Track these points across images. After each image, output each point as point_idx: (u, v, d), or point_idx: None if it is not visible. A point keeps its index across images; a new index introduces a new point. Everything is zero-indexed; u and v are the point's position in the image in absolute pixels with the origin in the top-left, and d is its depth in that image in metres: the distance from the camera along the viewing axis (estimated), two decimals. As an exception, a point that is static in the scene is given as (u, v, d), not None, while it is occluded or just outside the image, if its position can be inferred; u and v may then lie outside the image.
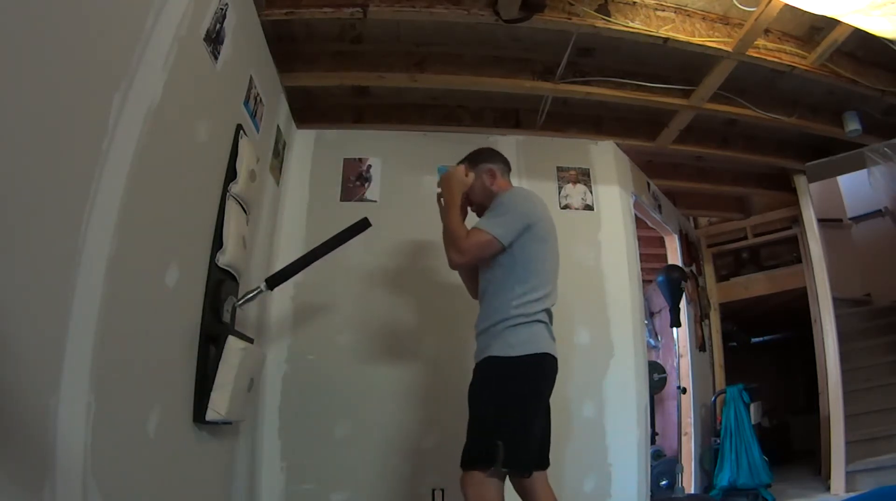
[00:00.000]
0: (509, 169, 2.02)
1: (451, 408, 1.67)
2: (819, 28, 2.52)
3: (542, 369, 1.69)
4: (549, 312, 1.77)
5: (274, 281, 1.98)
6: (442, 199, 1.92)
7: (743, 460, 3.42)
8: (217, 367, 1.67)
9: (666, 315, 4.14)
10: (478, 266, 1.86)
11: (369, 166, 2.88)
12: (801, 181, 3.69)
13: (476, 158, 1.98)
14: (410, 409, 2.52)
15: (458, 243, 1.76)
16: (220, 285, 1.79)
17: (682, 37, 2.40)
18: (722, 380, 4.29)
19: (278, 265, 2.26)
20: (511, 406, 1.61)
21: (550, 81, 2.68)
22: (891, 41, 2.35)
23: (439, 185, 1.94)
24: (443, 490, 2.30)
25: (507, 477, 1.67)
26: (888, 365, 3.73)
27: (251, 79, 2.09)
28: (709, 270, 4.56)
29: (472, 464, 1.57)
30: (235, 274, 1.89)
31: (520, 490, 1.72)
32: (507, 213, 1.76)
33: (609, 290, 2.83)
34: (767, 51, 2.54)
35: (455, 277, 2.05)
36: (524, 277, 1.72)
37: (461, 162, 1.99)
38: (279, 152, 2.57)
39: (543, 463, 1.75)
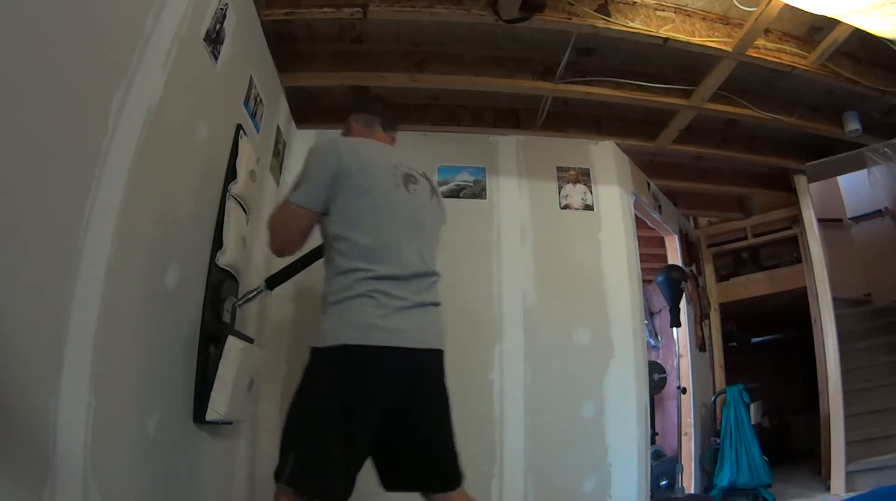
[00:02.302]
0: (383, 121, 1.68)
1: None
2: (819, 28, 2.52)
3: (357, 365, 1.29)
4: (397, 284, 1.36)
5: (274, 281, 1.98)
6: None
7: (743, 460, 3.42)
8: (217, 367, 1.67)
9: (666, 315, 4.13)
10: None
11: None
12: (801, 181, 3.69)
13: (350, 108, 1.72)
14: (410, 409, 2.52)
15: (270, 227, 1.47)
16: (220, 285, 1.79)
17: (682, 37, 2.40)
18: (722, 380, 4.28)
19: (278, 265, 2.26)
20: (309, 412, 1.30)
21: (550, 81, 2.68)
22: (891, 41, 2.34)
23: None
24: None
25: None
26: (888, 365, 3.73)
27: (251, 79, 2.09)
28: (709, 270, 4.56)
29: (275, 478, 1.28)
30: (235, 274, 1.89)
31: None
32: (307, 171, 1.43)
33: (609, 290, 2.83)
34: (767, 51, 2.54)
35: (456, 276, 2.04)
36: (341, 241, 1.39)
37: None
38: (279, 152, 2.57)
39: (452, 482, 1.39)
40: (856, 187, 4.47)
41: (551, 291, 2.77)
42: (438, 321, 1.48)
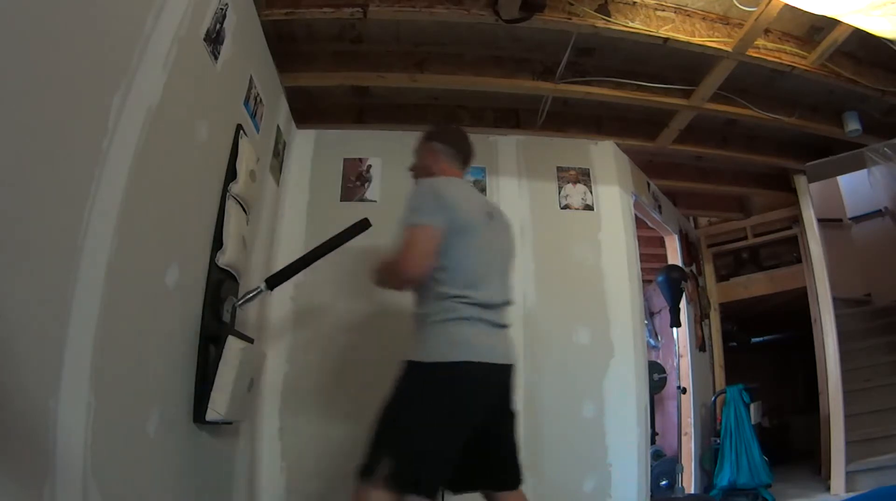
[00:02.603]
0: (464, 157, 1.84)
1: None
2: (819, 28, 2.52)
3: (465, 379, 1.45)
4: (487, 309, 1.54)
5: (274, 281, 1.98)
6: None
7: (743, 460, 3.42)
8: (217, 367, 1.67)
9: (666, 315, 4.13)
10: None
11: (369, 166, 2.88)
12: (801, 181, 3.69)
13: (432, 134, 1.86)
14: (410, 409, 2.52)
15: (398, 261, 1.51)
16: (220, 285, 1.79)
17: (682, 37, 2.40)
18: (722, 380, 4.28)
19: (278, 265, 2.26)
20: (414, 419, 1.42)
21: (550, 81, 2.68)
22: (891, 41, 2.34)
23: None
24: (442, 494, 2.29)
25: (483, 497, 1.56)
26: (888, 365, 3.73)
27: (251, 79, 2.09)
28: (709, 270, 4.56)
29: (363, 478, 1.39)
30: (235, 274, 1.89)
31: None
32: (422, 200, 1.56)
33: (609, 290, 2.83)
34: (767, 51, 2.54)
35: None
36: (441, 269, 1.52)
37: (423, 133, 1.90)
38: (279, 152, 2.57)
39: (511, 482, 1.56)
40: (856, 187, 4.47)
41: (551, 291, 2.77)
42: (511, 341, 1.67)
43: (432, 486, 1.40)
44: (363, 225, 2.06)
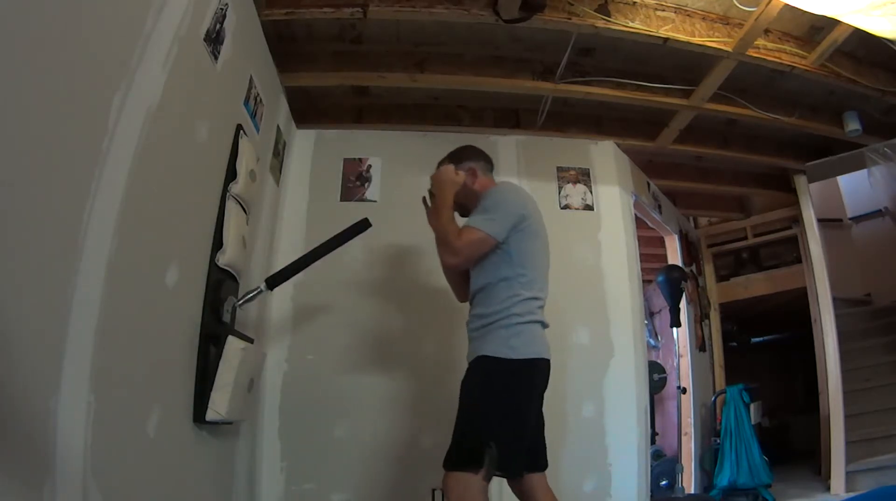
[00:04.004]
0: (491, 166, 1.98)
1: (451, 408, 1.66)
2: (819, 28, 2.53)
3: (535, 373, 1.65)
4: (542, 310, 1.74)
5: (274, 281, 1.98)
6: (430, 200, 1.87)
7: (743, 460, 3.42)
8: (217, 367, 1.67)
9: (666, 315, 4.13)
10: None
11: (369, 166, 2.88)
12: (801, 181, 3.69)
13: (459, 156, 1.93)
14: (410, 409, 2.52)
15: (452, 243, 1.69)
16: (220, 285, 1.79)
17: (682, 37, 2.40)
18: (722, 380, 4.28)
19: (278, 265, 2.26)
20: (504, 409, 1.57)
21: (550, 81, 2.68)
22: (891, 41, 2.35)
23: (431, 188, 1.89)
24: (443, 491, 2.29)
25: (506, 481, 1.66)
26: (888, 365, 3.73)
27: (251, 79, 2.09)
28: (709, 270, 4.56)
29: (459, 465, 1.52)
30: (235, 274, 1.89)
31: (519, 493, 1.69)
32: (498, 208, 1.70)
33: (609, 290, 2.83)
34: (767, 51, 2.54)
35: (456, 277, 2.05)
36: (519, 273, 1.68)
37: (443, 161, 1.95)
38: (279, 152, 2.57)
39: (541, 465, 1.72)
40: (856, 187, 4.47)
41: (551, 291, 2.75)
42: None
43: (521, 466, 1.61)
44: (363, 225, 2.06)
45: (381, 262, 2.70)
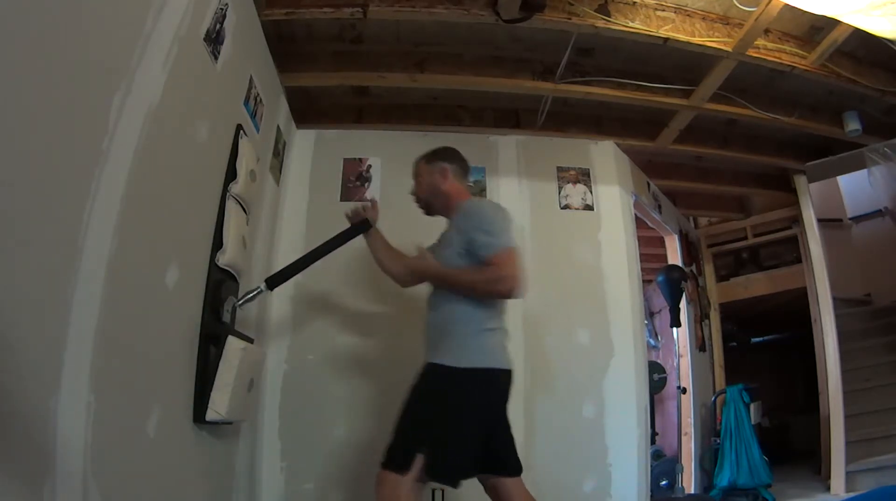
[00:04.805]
0: (465, 173, 1.97)
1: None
2: (819, 28, 2.52)
3: (491, 384, 1.61)
4: (503, 319, 1.73)
5: (274, 281, 1.98)
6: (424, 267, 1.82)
7: (743, 460, 3.42)
8: (217, 367, 1.67)
9: (666, 315, 4.13)
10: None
11: (369, 166, 2.88)
12: (801, 181, 3.69)
13: (433, 155, 1.95)
14: (410, 409, 2.52)
15: (498, 275, 1.60)
16: (220, 285, 1.79)
17: (682, 37, 2.40)
18: (722, 380, 4.28)
19: (278, 265, 2.26)
20: (445, 418, 1.54)
21: (550, 81, 2.68)
22: (891, 41, 2.35)
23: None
24: (443, 491, 2.30)
25: (485, 486, 1.66)
26: (888, 365, 3.73)
27: (251, 79, 2.09)
28: (709, 270, 4.56)
29: (389, 465, 1.52)
30: (235, 274, 1.89)
31: (493, 496, 1.68)
32: (496, 223, 1.69)
33: (609, 290, 2.83)
34: (767, 51, 2.54)
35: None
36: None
37: (419, 159, 1.97)
38: (279, 152, 2.57)
39: (510, 470, 1.69)
40: (856, 187, 4.47)
41: (551, 291, 2.77)
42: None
43: (460, 475, 1.57)
44: (363, 226, 2.06)
45: (381, 262, 2.70)
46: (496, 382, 1.63)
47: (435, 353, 1.65)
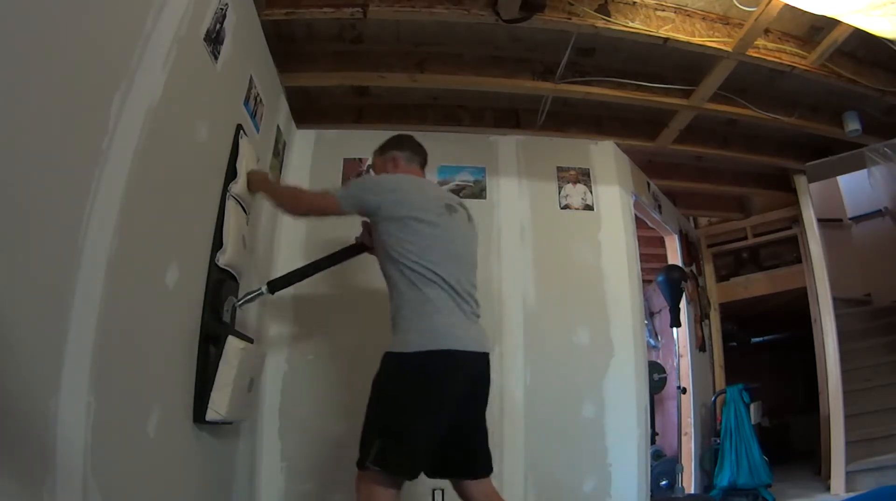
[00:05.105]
0: (420, 159, 1.94)
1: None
2: (819, 28, 2.52)
3: (445, 367, 1.54)
4: (458, 301, 1.61)
5: (275, 286, 1.99)
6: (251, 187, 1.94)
7: (743, 460, 3.42)
8: (217, 367, 1.67)
9: (666, 315, 4.13)
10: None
11: (369, 166, 2.88)
12: (801, 181, 3.69)
13: (386, 146, 1.95)
14: (410, 409, 2.52)
15: (298, 196, 1.93)
16: (220, 285, 1.79)
17: (682, 37, 2.40)
18: (722, 380, 4.28)
19: (279, 265, 2.27)
20: (397, 405, 1.52)
21: (550, 81, 2.67)
22: (891, 41, 2.34)
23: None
24: (443, 491, 2.30)
25: (452, 484, 1.63)
26: (888, 365, 3.73)
27: (251, 79, 2.09)
28: (709, 270, 4.56)
29: (359, 462, 1.50)
30: (235, 274, 1.89)
31: (462, 497, 1.64)
32: (364, 184, 1.76)
33: (609, 290, 2.83)
34: (767, 51, 2.54)
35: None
36: (409, 264, 1.60)
37: (375, 151, 1.98)
38: (279, 152, 2.57)
39: (480, 470, 1.64)
40: (856, 187, 4.47)
41: (551, 291, 2.77)
42: (483, 331, 1.73)
43: (414, 467, 1.51)
44: (362, 247, 2.04)
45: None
46: (450, 364, 1.55)
47: (391, 342, 1.62)
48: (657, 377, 4.36)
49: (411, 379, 1.53)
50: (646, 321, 3.66)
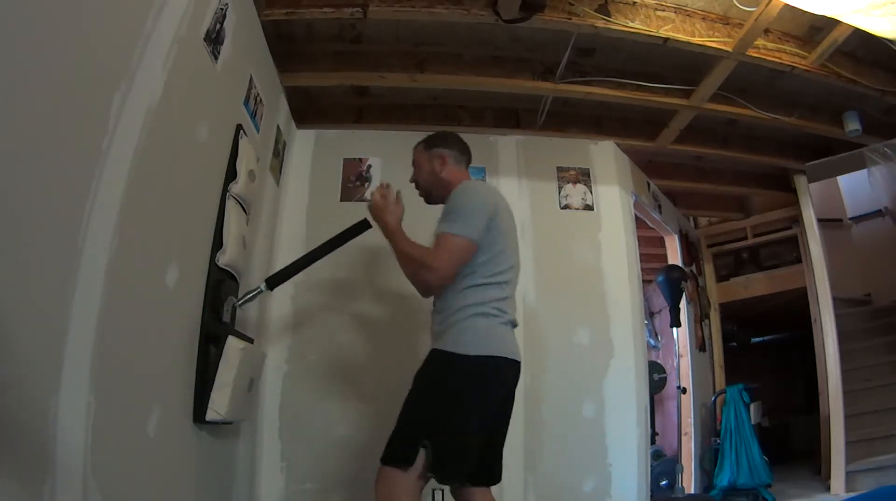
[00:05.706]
0: (467, 159, 1.89)
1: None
2: (819, 28, 2.52)
3: (496, 373, 1.52)
4: (507, 308, 1.61)
5: (274, 281, 1.98)
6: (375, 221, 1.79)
7: (743, 460, 3.42)
8: (217, 367, 1.67)
9: (666, 315, 4.13)
10: None
11: (369, 166, 2.88)
12: (801, 181, 3.69)
13: (433, 141, 1.88)
14: (410, 409, 2.52)
15: (427, 261, 1.55)
16: (220, 285, 1.79)
17: (682, 37, 2.40)
18: (722, 380, 4.28)
19: (278, 265, 2.26)
20: (450, 407, 1.46)
21: (550, 81, 2.68)
22: (891, 41, 2.35)
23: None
24: (443, 491, 2.30)
25: (451, 488, 1.57)
26: (888, 365, 3.73)
27: (251, 79, 2.09)
28: (709, 270, 4.56)
29: (390, 461, 1.43)
30: (235, 274, 1.89)
31: None
32: (466, 208, 1.59)
33: (609, 290, 2.83)
34: (767, 51, 2.54)
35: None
36: (485, 271, 1.57)
37: (419, 144, 1.91)
38: (279, 152, 2.57)
39: (489, 479, 1.59)
40: (856, 187, 4.47)
41: (551, 291, 2.77)
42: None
43: (469, 472, 1.47)
44: (363, 226, 2.06)
45: (381, 262, 2.70)
46: (501, 371, 1.54)
47: (438, 340, 1.57)
48: (657, 377, 4.37)
49: (468, 382, 1.48)
50: (646, 321, 3.66)
